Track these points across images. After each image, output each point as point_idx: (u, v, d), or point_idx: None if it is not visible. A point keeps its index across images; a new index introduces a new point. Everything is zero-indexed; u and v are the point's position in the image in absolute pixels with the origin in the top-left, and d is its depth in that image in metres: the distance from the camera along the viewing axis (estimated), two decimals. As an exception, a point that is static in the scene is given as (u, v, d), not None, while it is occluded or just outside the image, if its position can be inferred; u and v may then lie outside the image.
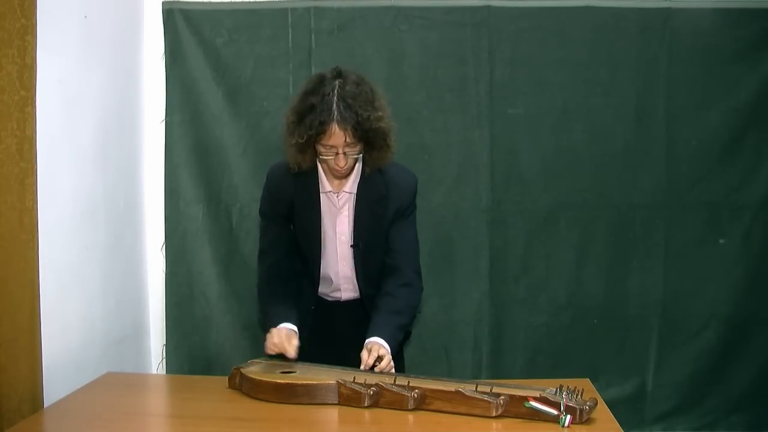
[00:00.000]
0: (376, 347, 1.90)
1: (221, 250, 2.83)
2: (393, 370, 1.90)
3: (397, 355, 2.07)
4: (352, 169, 2.00)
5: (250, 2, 2.78)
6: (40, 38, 1.85)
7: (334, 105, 1.85)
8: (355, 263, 2.08)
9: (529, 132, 2.81)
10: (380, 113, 1.91)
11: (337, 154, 1.90)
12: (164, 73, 2.78)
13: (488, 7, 2.77)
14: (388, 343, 1.93)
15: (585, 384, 1.78)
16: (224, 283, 2.83)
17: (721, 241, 2.84)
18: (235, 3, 2.78)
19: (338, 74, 1.92)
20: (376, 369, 1.87)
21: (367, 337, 1.94)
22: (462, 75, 2.79)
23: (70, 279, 2.19)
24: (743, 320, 2.85)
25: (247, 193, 2.81)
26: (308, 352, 2.00)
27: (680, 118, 2.80)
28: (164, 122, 2.80)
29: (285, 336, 1.96)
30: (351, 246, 2.06)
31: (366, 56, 2.76)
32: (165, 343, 2.84)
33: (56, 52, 2.06)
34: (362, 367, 1.87)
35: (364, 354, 1.90)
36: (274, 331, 1.98)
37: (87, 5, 2.29)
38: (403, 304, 2.03)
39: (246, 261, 2.80)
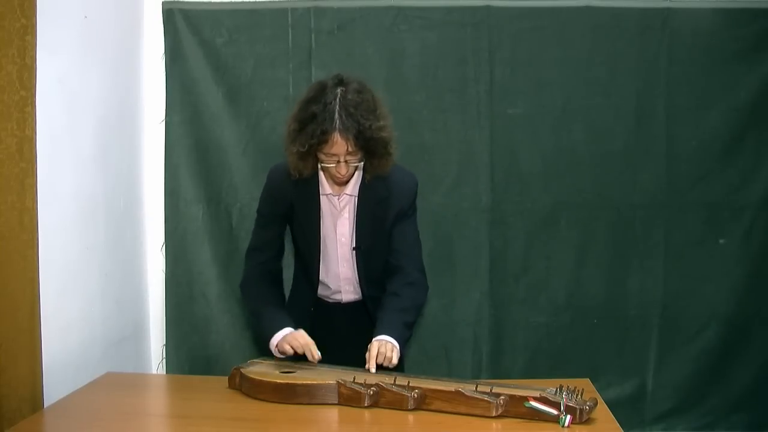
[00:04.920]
0: (381, 344, 1.89)
1: (221, 250, 2.83)
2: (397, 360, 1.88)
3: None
4: (353, 174, 2.00)
5: (250, 2, 2.78)
6: (40, 38, 1.85)
7: (336, 114, 1.84)
8: (357, 265, 2.08)
9: (529, 132, 2.81)
10: (382, 122, 1.90)
11: (338, 162, 1.90)
12: (164, 73, 2.78)
13: (488, 7, 2.76)
14: (395, 340, 1.92)
15: (585, 384, 1.78)
16: (224, 283, 2.82)
17: (721, 241, 2.84)
18: (235, 3, 2.78)
19: (340, 81, 1.90)
20: (385, 362, 1.85)
21: (374, 336, 1.94)
22: (462, 75, 2.79)
23: (70, 279, 2.18)
24: (743, 320, 2.85)
25: (247, 193, 2.81)
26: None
27: (680, 118, 2.80)
28: (164, 122, 2.80)
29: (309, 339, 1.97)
30: (353, 249, 2.06)
31: (366, 56, 2.76)
32: (165, 343, 2.84)
33: (56, 52, 2.06)
34: (367, 366, 1.86)
35: (368, 354, 1.88)
36: (296, 334, 1.98)
37: (87, 5, 2.29)
38: (408, 303, 2.03)
39: (246, 261, 2.80)
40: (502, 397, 1.65)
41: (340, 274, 2.10)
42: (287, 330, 2.00)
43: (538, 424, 1.60)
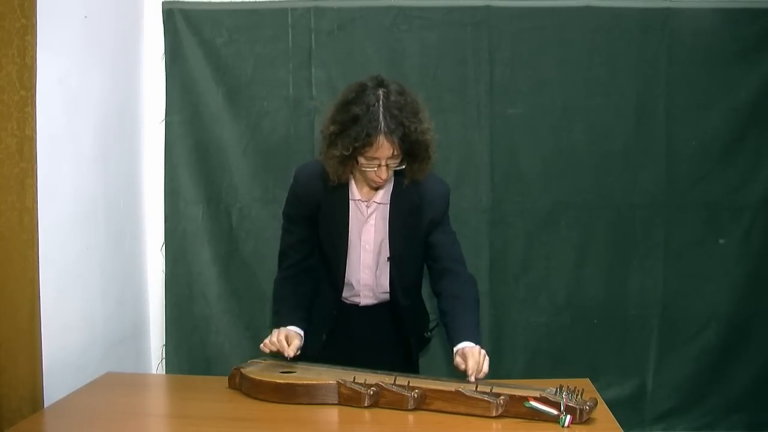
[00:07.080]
0: (476, 351, 1.83)
1: (221, 250, 2.83)
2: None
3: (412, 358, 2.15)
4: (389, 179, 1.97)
5: (250, 2, 2.78)
6: (40, 38, 1.85)
7: (381, 116, 1.79)
8: (390, 274, 2.05)
9: (529, 132, 2.81)
10: (425, 125, 1.86)
11: (379, 165, 1.84)
12: (164, 73, 2.78)
13: (488, 7, 2.77)
14: (478, 344, 1.87)
15: (585, 384, 1.78)
16: (224, 283, 2.83)
17: (721, 241, 2.84)
18: (235, 3, 2.78)
19: (380, 83, 1.85)
20: (481, 375, 1.80)
21: (457, 342, 1.88)
22: (462, 75, 2.79)
23: (70, 279, 2.19)
24: (743, 320, 2.85)
25: (247, 193, 2.81)
26: (327, 355, 2.01)
27: (680, 118, 2.80)
28: (164, 122, 2.80)
29: (285, 336, 1.95)
30: (388, 258, 2.03)
31: (366, 56, 2.76)
32: (165, 343, 2.84)
33: (56, 52, 2.06)
34: (471, 377, 1.78)
35: (471, 362, 1.80)
36: (275, 330, 1.97)
37: (87, 5, 2.29)
38: (473, 302, 2.01)
39: (246, 261, 2.80)
40: (502, 397, 1.65)
41: (360, 280, 2.08)
42: (285, 328, 1.99)
43: (538, 424, 1.60)
